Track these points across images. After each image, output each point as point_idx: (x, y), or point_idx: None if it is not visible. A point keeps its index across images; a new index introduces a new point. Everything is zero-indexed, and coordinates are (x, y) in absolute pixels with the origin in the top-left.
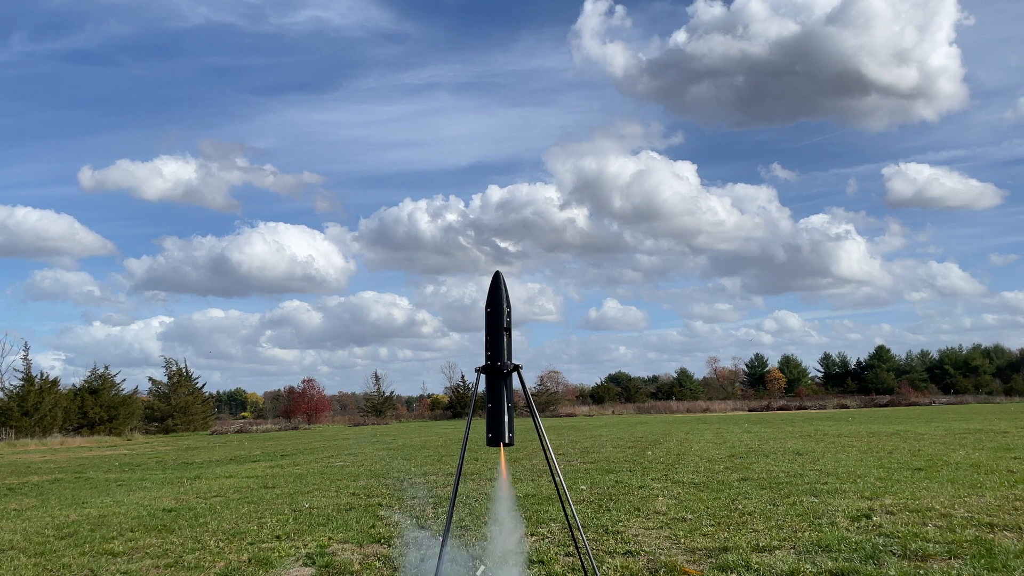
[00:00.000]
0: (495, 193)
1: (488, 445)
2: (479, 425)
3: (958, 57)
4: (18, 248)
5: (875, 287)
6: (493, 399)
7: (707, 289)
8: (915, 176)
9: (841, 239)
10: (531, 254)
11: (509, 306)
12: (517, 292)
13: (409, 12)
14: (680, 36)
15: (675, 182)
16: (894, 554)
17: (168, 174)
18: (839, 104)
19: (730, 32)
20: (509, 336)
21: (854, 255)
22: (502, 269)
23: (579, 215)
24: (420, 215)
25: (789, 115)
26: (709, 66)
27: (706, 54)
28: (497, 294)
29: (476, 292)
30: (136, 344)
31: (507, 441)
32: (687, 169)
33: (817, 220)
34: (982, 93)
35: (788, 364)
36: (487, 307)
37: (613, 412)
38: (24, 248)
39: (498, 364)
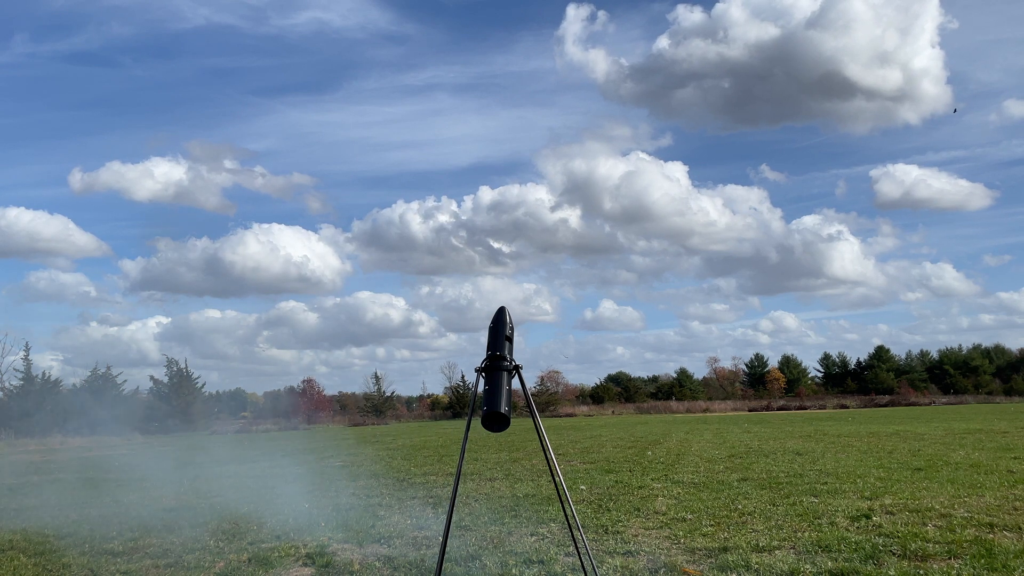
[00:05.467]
0: (487, 194)
1: (484, 422)
2: (479, 425)
3: (942, 60)
4: (14, 249)
5: (870, 287)
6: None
7: (702, 290)
8: (903, 178)
9: (834, 240)
10: (525, 255)
11: (511, 338)
12: (513, 293)
13: (410, 13)
14: (663, 42)
15: (666, 183)
16: (894, 554)
17: (160, 175)
18: (825, 107)
19: (710, 37)
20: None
21: (847, 256)
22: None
23: (571, 216)
24: (412, 216)
25: (775, 118)
26: (691, 71)
27: (686, 59)
28: (498, 338)
29: (472, 293)
30: (133, 344)
31: (503, 411)
32: (678, 170)
33: (809, 221)
34: (967, 95)
35: (788, 364)
36: (487, 357)
37: (613, 412)
38: (20, 249)
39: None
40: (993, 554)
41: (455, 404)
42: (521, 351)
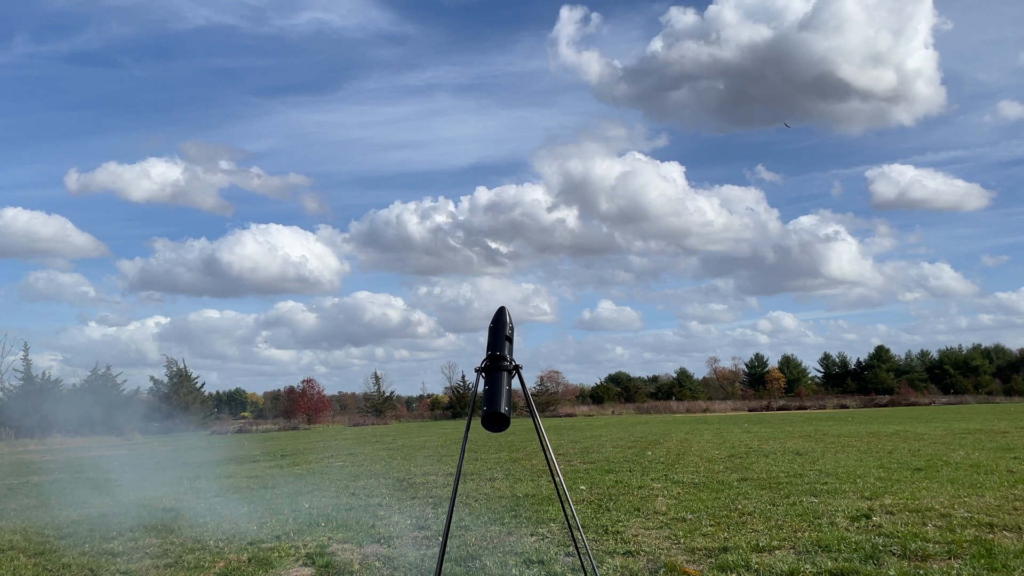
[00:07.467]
0: (484, 194)
1: (484, 423)
2: (479, 425)
3: (936, 61)
4: (12, 250)
5: (868, 288)
6: (491, 381)
7: (700, 290)
8: (898, 178)
9: (831, 240)
10: (523, 255)
11: (511, 338)
12: (511, 293)
13: (410, 14)
14: (656, 44)
15: (662, 183)
16: (894, 554)
17: (156, 176)
18: (819, 108)
19: (703, 39)
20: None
21: (845, 256)
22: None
23: (569, 216)
24: (410, 216)
25: (770, 119)
26: (684, 72)
27: (679, 60)
28: (498, 338)
29: (471, 293)
30: (132, 344)
31: (503, 411)
32: (674, 170)
33: (806, 221)
34: (963, 96)
35: (788, 364)
36: (488, 355)
37: (613, 412)
38: (18, 249)
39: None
40: (993, 554)
41: (455, 404)
42: (521, 351)
